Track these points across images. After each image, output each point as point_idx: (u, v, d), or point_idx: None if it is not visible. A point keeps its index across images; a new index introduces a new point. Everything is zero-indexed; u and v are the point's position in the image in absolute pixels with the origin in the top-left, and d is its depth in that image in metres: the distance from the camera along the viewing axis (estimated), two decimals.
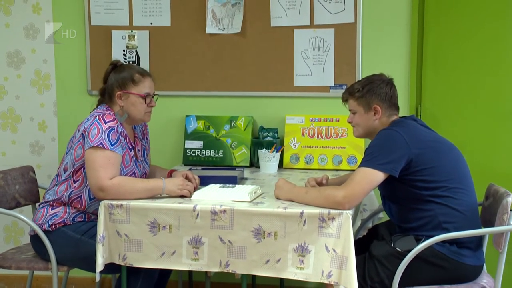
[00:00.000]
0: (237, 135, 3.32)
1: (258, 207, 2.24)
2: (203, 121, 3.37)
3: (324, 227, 2.15)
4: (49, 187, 2.62)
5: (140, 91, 2.57)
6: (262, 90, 3.37)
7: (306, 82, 3.30)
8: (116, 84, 2.56)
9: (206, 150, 3.33)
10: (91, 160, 2.41)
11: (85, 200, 2.52)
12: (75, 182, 2.52)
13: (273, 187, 2.48)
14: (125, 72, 2.59)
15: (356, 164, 3.12)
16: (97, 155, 2.40)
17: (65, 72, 3.55)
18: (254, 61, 3.36)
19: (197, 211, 2.24)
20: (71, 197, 2.51)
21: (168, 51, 3.44)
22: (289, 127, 3.28)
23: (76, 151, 2.50)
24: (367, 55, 3.24)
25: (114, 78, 2.58)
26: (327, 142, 3.21)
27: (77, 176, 2.52)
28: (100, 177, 2.36)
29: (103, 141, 2.41)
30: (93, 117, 2.49)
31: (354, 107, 2.45)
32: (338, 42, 3.25)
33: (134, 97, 2.56)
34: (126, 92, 2.56)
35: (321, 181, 2.53)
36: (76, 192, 2.52)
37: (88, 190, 2.51)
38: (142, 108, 2.58)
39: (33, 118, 3.59)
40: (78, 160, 2.50)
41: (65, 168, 2.55)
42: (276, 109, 3.36)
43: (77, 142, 2.49)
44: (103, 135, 2.42)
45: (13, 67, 3.55)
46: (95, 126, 2.45)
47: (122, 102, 2.56)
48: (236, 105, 3.41)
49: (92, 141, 2.41)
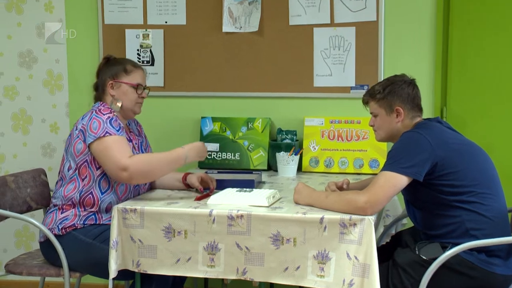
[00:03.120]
0: (254, 137, 3.31)
1: (277, 212, 2.23)
2: (219, 122, 3.37)
3: (345, 234, 2.13)
4: (55, 190, 2.62)
5: (131, 80, 2.62)
6: (280, 91, 3.36)
7: (326, 83, 3.29)
8: (108, 74, 2.62)
9: (222, 153, 3.32)
10: (101, 149, 2.43)
11: (97, 195, 2.53)
12: (83, 180, 2.53)
13: (291, 191, 2.46)
14: (118, 63, 2.65)
15: (379, 168, 3.10)
16: (107, 142, 2.43)
17: (77, 72, 3.57)
18: (272, 61, 3.35)
19: (213, 216, 2.23)
20: (82, 195, 2.52)
21: (183, 51, 3.44)
22: (308, 129, 3.26)
23: (76, 146, 2.51)
24: (389, 54, 3.22)
25: (106, 70, 2.63)
26: (348, 144, 3.19)
27: (83, 173, 2.52)
28: (118, 157, 2.38)
29: (107, 129, 2.45)
30: (90, 113, 2.53)
31: (375, 110, 2.43)
32: (359, 41, 3.22)
33: (126, 86, 2.60)
34: (117, 81, 2.60)
35: (341, 186, 2.51)
36: (86, 189, 2.52)
37: (98, 185, 2.52)
38: (133, 98, 2.62)
39: (45, 119, 3.61)
40: (79, 155, 2.51)
41: (68, 168, 2.55)
42: (295, 111, 3.35)
43: (76, 138, 2.51)
44: (105, 124, 2.46)
45: (25, 67, 3.57)
46: (94, 120, 2.47)
47: (113, 91, 2.60)
48: (253, 106, 3.40)
49: (96, 133, 2.44)
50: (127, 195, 2.56)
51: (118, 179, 2.45)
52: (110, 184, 2.53)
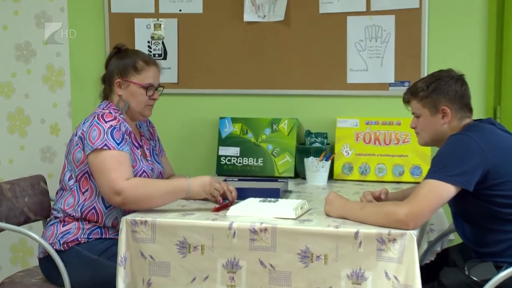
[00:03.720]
0: (280, 141, 3.31)
1: (305, 225, 2.23)
2: (240, 124, 3.38)
3: (383, 250, 2.12)
4: (55, 201, 2.65)
5: (141, 80, 2.62)
6: (309, 88, 3.37)
7: (361, 79, 3.29)
8: (116, 71, 2.63)
9: (243, 158, 3.33)
10: (97, 164, 2.44)
11: (101, 211, 2.54)
12: (84, 193, 2.54)
13: (322, 202, 2.46)
14: (128, 58, 2.64)
15: (422, 176, 3.08)
16: (104, 157, 2.43)
17: (81, 67, 3.61)
18: (299, 54, 3.36)
19: (234, 229, 2.24)
20: (83, 211, 2.54)
21: (199, 43, 3.46)
22: (341, 131, 3.26)
23: (75, 155, 2.53)
24: (434, 46, 3.20)
25: (116, 63, 2.64)
26: (386, 149, 3.18)
27: (85, 185, 2.54)
28: (113, 179, 2.38)
29: (106, 141, 2.44)
30: (92, 117, 2.53)
31: (418, 110, 2.42)
32: (399, 31, 3.22)
33: (135, 87, 2.61)
34: (126, 80, 2.61)
35: (379, 196, 2.51)
36: (88, 204, 2.54)
37: (101, 198, 2.54)
38: (143, 100, 2.63)
39: (45, 120, 3.65)
40: (79, 166, 2.53)
41: (69, 178, 2.58)
42: (326, 110, 3.35)
43: (76, 146, 2.53)
44: (105, 135, 2.46)
45: (22, 61, 3.61)
46: (94, 127, 2.48)
47: (121, 91, 2.62)
48: (279, 105, 3.41)
49: (93, 143, 2.44)
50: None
51: (109, 202, 2.47)
52: None
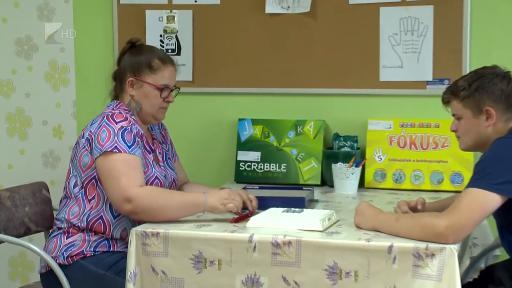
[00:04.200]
0: (305, 145, 3.32)
1: (333, 238, 2.23)
2: (260, 126, 3.39)
3: (420, 267, 2.12)
4: (59, 210, 2.66)
5: (156, 81, 2.63)
6: (337, 87, 3.37)
7: (396, 76, 3.29)
8: (129, 68, 2.64)
9: (264, 164, 3.34)
10: (106, 168, 2.45)
11: (108, 221, 2.56)
12: (90, 201, 2.56)
13: (351, 212, 2.46)
14: (143, 55, 2.65)
15: (463, 184, 3.07)
16: (114, 161, 2.44)
17: (87, 64, 3.63)
18: (327, 49, 3.36)
19: (254, 242, 2.25)
20: (89, 220, 2.55)
21: (216, 37, 3.48)
22: (373, 134, 3.26)
23: (82, 159, 2.55)
24: (477, 40, 3.19)
25: (129, 60, 2.65)
26: (424, 154, 3.18)
27: (91, 192, 2.56)
28: (124, 185, 2.40)
29: (117, 144, 2.46)
30: (100, 118, 2.54)
31: (459, 111, 2.42)
32: (438, 23, 3.21)
33: (149, 87, 2.63)
34: (139, 80, 2.62)
35: (415, 206, 2.50)
36: (94, 213, 2.56)
37: (109, 207, 2.55)
38: (156, 102, 2.64)
39: (47, 121, 3.67)
40: (85, 171, 2.55)
41: (74, 184, 2.59)
42: (356, 111, 3.35)
43: (82, 149, 2.54)
44: (116, 136, 2.47)
45: (23, 57, 3.63)
46: (104, 128, 2.49)
47: (133, 90, 2.63)
48: (304, 105, 3.41)
49: (103, 145, 2.46)
50: None
51: (118, 210, 2.48)
52: None
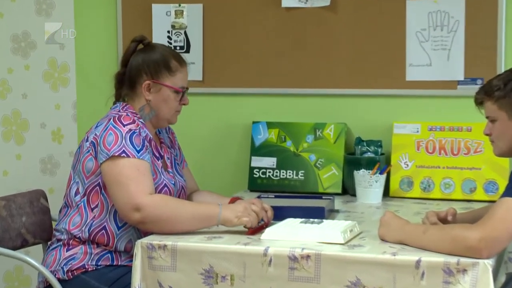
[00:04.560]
0: (325, 150, 3.32)
1: (355, 251, 2.23)
2: (276, 129, 3.39)
3: (451, 283, 2.11)
4: (59, 220, 2.67)
5: (175, 83, 2.65)
6: (359, 87, 3.37)
7: (424, 75, 3.28)
8: (145, 69, 2.64)
9: (280, 170, 3.35)
10: (113, 174, 2.46)
11: (112, 231, 2.56)
12: (93, 210, 2.56)
13: (375, 223, 2.46)
14: (157, 53, 2.66)
15: (498, 193, 3.06)
16: (121, 166, 2.45)
17: (89, 62, 3.65)
18: (348, 46, 3.37)
19: (270, 256, 2.25)
20: (91, 231, 2.56)
21: (229, 33, 3.49)
22: (399, 138, 3.26)
23: (86, 164, 2.55)
24: None
25: (142, 59, 2.65)
26: (454, 160, 3.17)
27: (94, 200, 2.56)
28: (132, 192, 2.41)
29: (125, 148, 2.47)
30: (106, 120, 2.55)
31: (493, 113, 2.41)
32: (470, 17, 3.21)
33: (168, 91, 2.64)
34: (157, 83, 2.63)
35: (445, 217, 2.49)
36: (97, 223, 2.56)
37: (113, 216, 2.56)
38: (173, 106, 2.67)
39: (45, 124, 3.68)
40: (89, 177, 2.56)
41: (75, 192, 2.60)
42: (380, 114, 3.35)
43: (86, 153, 2.55)
44: (123, 140, 2.48)
45: (19, 55, 3.65)
46: (110, 131, 2.50)
47: (150, 95, 2.63)
48: (323, 107, 3.42)
49: (110, 149, 2.47)
50: None
51: (126, 219, 2.49)
52: None
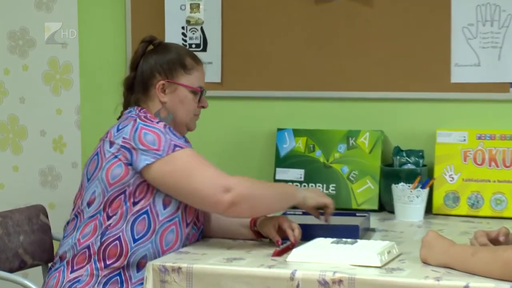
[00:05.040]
0: (359, 161, 3.32)
1: (394, 276, 2.22)
2: (304, 137, 3.39)
3: None
4: (65, 235, 2.67)
5: (192, 82, 2.67)
6: (398, 90, 3.36)
7: (471, 77, 3.28)
8: (158, 69, 2.66)
9: (309, 184, 3.34)
10: (179, 169, 2.50)
11: (127, 242, 2.55)
12: (110, 218, 2.56)
13: (416, 244, 2.44)
14: (170, 52, 2.69)
15: None
16: (183, 158, 2.51)
17: (94, 62, 3.67)
18: (385, 44, 3.36)
19: (297, 280, 2.24)
20: (104, 240, 2.55)
21: (250, 29, 3.49)
22: (443, 148, 3.24)
23: (111, 171, 2.55)
24: None
25: (154, 60, 2.68)
26: (506, 173, 3.17)
27: (115, 208, 2.56)
28: (214, 175, 2.49)
29: (174, 141, 2.51)
30: (132, 121, 2.56)
31: None
32: None
33: (185, 91, 2.66)
34: (172, 82, 2.64)
35: (496, 237, 2.47)
36: (112, 232, 2.55)
37: (131, 227, 2.55)
38: (192, 109, 2.69)
39: (46, 131, 3.70)
40: (114, 184, 2.55)
41: (89, 202, 2.60)
42: (421, 120, 3.34)
43: (113, 159, 2.55)
44: (167, 135, 2.52)
45: (17, 54, 3.67)
46: (145, 130, 2.52)
47: (165, 96, 2.65)
48: (357, 112, 3.42)
49: (158, 149, 2.49)
50: (176, 247, 2.59)
51: (213, 207, 2.51)
52: (153, 226, 2.55)
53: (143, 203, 2.54)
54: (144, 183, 2.54)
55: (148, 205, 2.54)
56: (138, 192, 2.54)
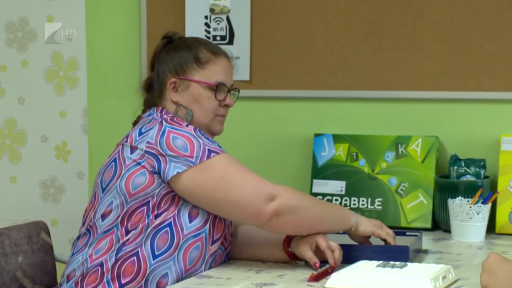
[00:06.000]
0: (410, 171, 3.32)
1: None
2: (346, 144, 3.40)
3: None
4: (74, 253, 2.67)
5: (207, 77, 2.68)
6: (456, 89, 3.37)
7: None
8: (169, 67, 2.69)
9: (351, 198, 3.36)
10: (217, 177, 2.52)
11: (145, 258, 2.55)
12: (129, 232, 2.55)
13: (477, 268, 2.44)
14: (185, 48, 2.71)
15: None
16: (220, 165, 2.53)
17: (103, 57, 3.69)
18: (442, 37, 3.36)
19: None
20: (120, 256, 2.55)
21: (284, 20, 3.51)
22: (508, 157, 3.24)
23: (133, 180, 2.56)
24: None
25: (166, 58, 2.71)
26: None
27: (135, 222, 2.56)
28: (257, 183, 2.53)
29: (208, 146, 2.53)
30: (157, 125, 2.57)
31: None
32: None
33: (198, 87, 2.67)
34: (184, 79, 2.67)
35: None
36: (130, 247, 2.55)
37: (151, 242, 2.56)
38: (210, 107, 2.69)
39: (47, 137, 3.73)
40: (135, 194, 2.56)
41: (104, 214, 2.61)
42: (483, 124, 3.35)
43: (134, 167, 2.56)
44: (198, 139, 2.54)
45: (15, 48, 3.71)
46: (173, 134, 2.54)
47: (176, 95, 2.67)
48: (408, 116, 3.42)
49: (191, 155, 2.51)
50: (198, 267, 2.60)
51: (255, 218, 2.52)
52: (176, 241, 2.55)
53: (165, 215, 2.55)
54: (171, 193, 2.55)
55: (171, 217, 2.55)
56: (163, 203, 2.56)
